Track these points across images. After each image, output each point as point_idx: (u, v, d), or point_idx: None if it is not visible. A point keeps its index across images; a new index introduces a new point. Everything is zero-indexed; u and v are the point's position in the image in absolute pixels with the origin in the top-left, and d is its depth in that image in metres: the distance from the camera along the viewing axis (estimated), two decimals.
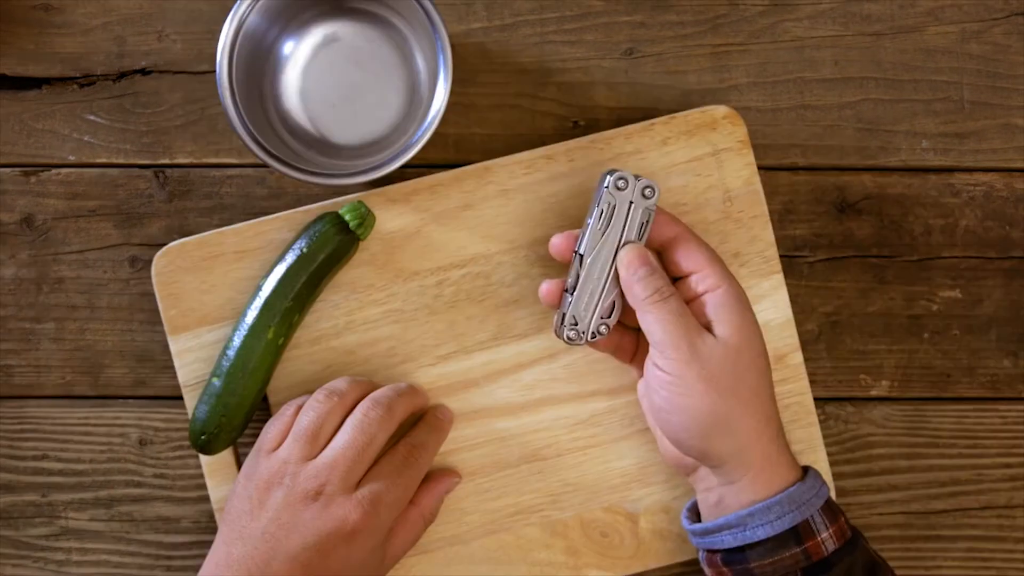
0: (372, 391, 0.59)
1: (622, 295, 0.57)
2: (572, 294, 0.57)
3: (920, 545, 0.65)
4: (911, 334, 0.66)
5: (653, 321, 0.54)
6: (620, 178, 0.56)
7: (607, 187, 0.56)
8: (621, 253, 0.56)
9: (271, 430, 0.58)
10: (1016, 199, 0.66)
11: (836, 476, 0.64)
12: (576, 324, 0.57)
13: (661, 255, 0.57)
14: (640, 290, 0.55)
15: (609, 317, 0.57)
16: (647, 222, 0.56)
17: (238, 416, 0.59)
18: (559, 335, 0.58)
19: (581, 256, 0.56)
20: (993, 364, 0.66)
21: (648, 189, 0.56)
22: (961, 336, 0.66)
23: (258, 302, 0.59)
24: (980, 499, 0.65)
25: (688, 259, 0.56)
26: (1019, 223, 0.66)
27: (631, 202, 0.56)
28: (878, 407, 0.66)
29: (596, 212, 0.56)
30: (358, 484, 0.55)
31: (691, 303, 0.56)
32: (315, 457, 0.56)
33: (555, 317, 0.58)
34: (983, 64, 0.66)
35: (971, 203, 0.66)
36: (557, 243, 0.58)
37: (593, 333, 0.57)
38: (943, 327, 0.66)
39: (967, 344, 0.66)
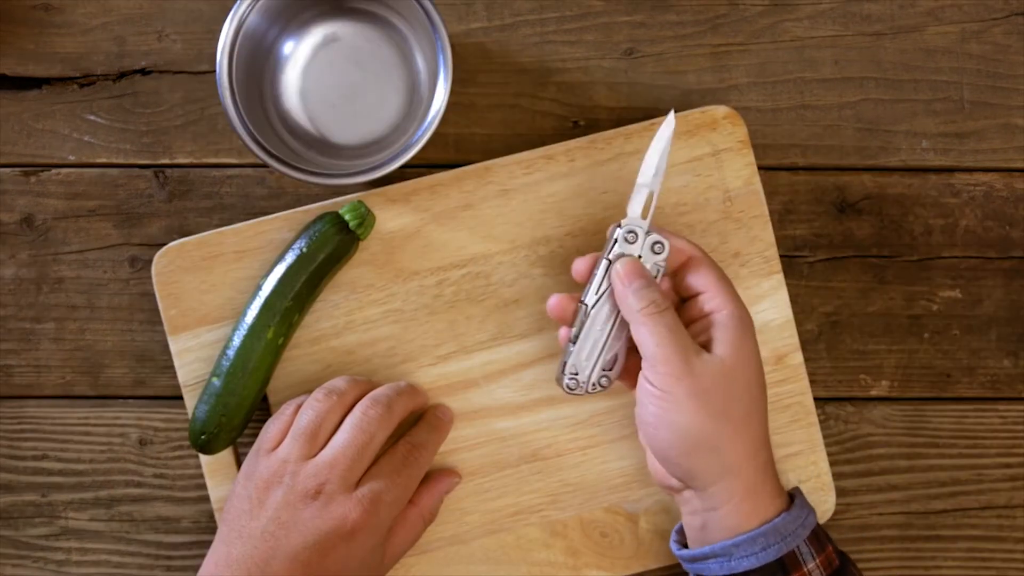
0: (371, 390, 0.59)
1: (625, 348, 0.56)
2: (575, 344, 0.56)
3: (920, 545, 0.65)
4: (911, 334, 0.66)
5: (646, 334, 0.53)
6: (629, 231, 0.55)
7: (616, 239, 0.55)
8: (616, 265, 0.55)
9: (271, 429, 0.58)
10: (1016, 199, 0.66)
11: (836, 476, 0.64)
12: (576, 374, 0.56)
13: (673, 277, 0.57)
14: (634, 301, 0.54)
15: (611, 370, 0.56)
16: (657, 275, 0.55)
17: (238, 416, 0.59)
18: (559, 384, 0.57)
19: (586, 305, 0.56)
20: (993, 364, 0.66)
21: (658, 245, 0.55)
22: (961, 336, 0.66)
23: (258, 302, 0.59)
24: (980, 499, 0.65)
25: (698, 280, 0.56)
26: (1019, 223, 0.66)
27: (639, 256, 0.55)
28: (878, 407, 0.66)
29: (603, 263, 0.55)
30: (358, 483, 0.55)
31: (696, 322, 0.55)
32: (315, 456, 0.56)
33: (557, 366, 0.58)
34: (983, 64, 0.66)
35: (971, 203, 0.66)
36: (578, 268, 0.57)
37: (594, 384, 0.56)
38: (943, 327, 0.66)
39: (967, 344, 0.66)
